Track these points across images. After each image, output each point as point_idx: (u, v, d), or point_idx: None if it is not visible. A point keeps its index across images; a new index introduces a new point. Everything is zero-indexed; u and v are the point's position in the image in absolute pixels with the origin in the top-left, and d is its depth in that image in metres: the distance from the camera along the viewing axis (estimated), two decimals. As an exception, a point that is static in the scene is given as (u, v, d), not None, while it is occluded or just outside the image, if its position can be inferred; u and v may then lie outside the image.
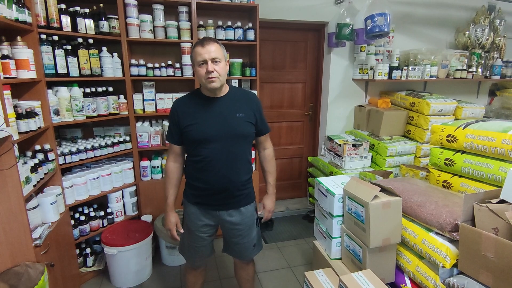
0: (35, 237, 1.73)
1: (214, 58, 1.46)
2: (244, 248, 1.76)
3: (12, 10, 1.66)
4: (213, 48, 1.46)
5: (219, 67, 1.48)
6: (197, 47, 1.48)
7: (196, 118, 1.55)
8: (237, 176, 1.60)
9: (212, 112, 1.56)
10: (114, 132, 2.69)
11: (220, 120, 1.55)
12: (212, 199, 1.63)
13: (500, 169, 1.73)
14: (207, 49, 1.45)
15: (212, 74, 1.46)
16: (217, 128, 1.54)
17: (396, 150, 2.90)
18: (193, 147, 1.58)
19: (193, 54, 1.51)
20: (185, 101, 1.62)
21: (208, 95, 1.58)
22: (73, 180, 2.27)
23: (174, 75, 2.61)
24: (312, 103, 3.63)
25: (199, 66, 1.48)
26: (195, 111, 1.56)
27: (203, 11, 2.68)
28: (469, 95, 3.87)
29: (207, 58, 1.45)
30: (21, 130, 1.72)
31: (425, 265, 1.63)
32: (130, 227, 2.50)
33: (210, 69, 1.45)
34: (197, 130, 1.54)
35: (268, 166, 1.79)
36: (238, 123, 1.57)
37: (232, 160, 1.58)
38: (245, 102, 1.63)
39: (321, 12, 3.14)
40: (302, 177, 3.81)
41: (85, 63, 2.20)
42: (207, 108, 1.56)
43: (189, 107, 1.58)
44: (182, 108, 1.59)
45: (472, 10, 3.58)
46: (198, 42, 1.50)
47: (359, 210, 1.70)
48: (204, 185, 1.60)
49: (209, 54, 1.45)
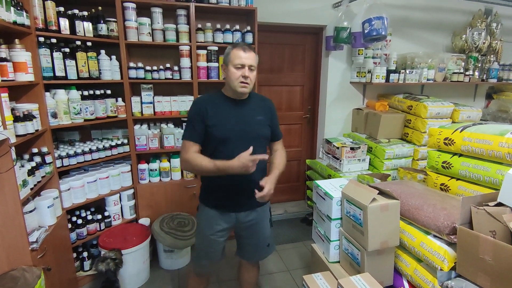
0: (32, 240, 1.72)
1: (251, 65, 1.54)
2: (258, 248, 1.80)
3: (10, 13, 1.66)
4: (253, 56, 1.54)
5: (252, 75, 1.57)
6: (238, 50, 1.52)
7: (221, 117, 1.58)
8: (255, 177, 1.61)
9: (235, 113, 1.61)
10: (112, 135, 2.69)
11: (243, 121, 1.61)
12: (231, 201, 1.65)
13: (497, 172, 1.74)
14: (248, 55, 1.53)
15: (246, 80, 1.54)
16: (240, 129, 1.59)
17: (393, 153, 2.91)
18: (214, 147, 1.59)
19: (231, 55, 1.54)
20: (209, 99, 1.64)
21: (232, 97, 1.63)
22: (71, 183, 2.26)
23: (172, 78, 2.61)
24: (310, 106, 3.64)
25: (235, 67, 1.53)
26: (220, 110, 1.60)
27: (201, 14, 2.69)
28: (466, 98, 3.89)
29: (246, 64, 1.52)
30: (18, 133, 1.71)
31: (423, 268, 1.63)
32: (128, 231, 2.49)
33: (247, 74, 1.53)
34: (222, 129, 1.57)
35: (277, 159, 1.75)
36: (258, 125, 1.65)
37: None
38: (264, 107, 1.72)
39: (319, 16, 3.15)
40: (300, 180, 3.81)
41: (83, 66, 2.20)
42: (231, 109, 1.61)
43: (214, 106, 1.61)
44: (208, 105, 1.60)
45: (469, 14, 3.61)
46: (238, 45, 1.55)
47: (357, 213, 1.70)
48: (224, 184, 1.62)
49: (249, 61, 1.53)
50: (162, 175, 2.75)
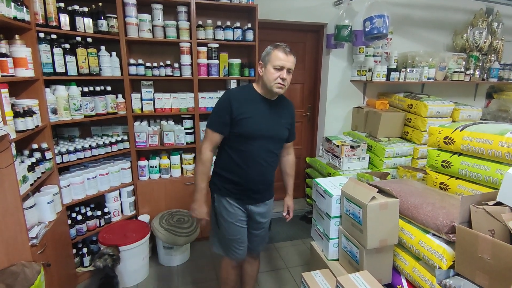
0: (32, 236, 1.72)
1: (290, 68, 1.57)
2: (262, 240, 1.91)
3: (11, 8, 1.65)
4: (292, 59, 1.57)
5: (289, 78, 1.59)
6: (279, 51, 1.54)
7: (252, 113, 1.60)
8: (270, 175, 1.75)
9: (265, 111, 1.65)
10: (112, 132, 2.68)
11: (270, 120, 1.65)
12: (244, 194, 1.71)
13: (497, 172, 1.74)
14: (289, 58, 1.55)
15: (284, 82, 1.56)
16: (266, 127, 1.63)
17: (393, 152, 2.91)
18: (239, 140, 1.63)
19: (272, 55, 1.55)
20: (241, 93, 1.67)
21: (264, 95, 1.65)
22: (70, 180, 2.26)
23: (172, 75, 2.60)
24: (310, 104, 3.63)
25: (274, 68, 1.54)
26: (251, 106, 1.62)
27: (202, 11, 2.68)
28: (467, 97, 3.89)
29: (285, 67, 1.54)
30: (18, 128, 1.71)
31: (421, 267, 1.64)
32: (127, 227, 2.50)
33: (285, 77, 1.55)
34: (251, 124, 1.60)
35: (290, 169, 1.93)
36: (281, 126, 1.71)
37: (270, 160, 1.70)
38: (288, 110, 1.76)
39: (320, 14, 3.14)
40: (300, 178, 3.81)
41: (84, 62, 2.20)
42: (262, 107, 1.65)
43: (246, 100, 1.62)
44: (238, 98, 1.62)
45: (470, 13, 3.60)
46: (279, 46, 1.56)
47: (356, 211, 1.70)
48: (240, 179, 1.67)
49: (289, 64, 1.55)
50: (162, 172, 2.75)
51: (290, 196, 1.98)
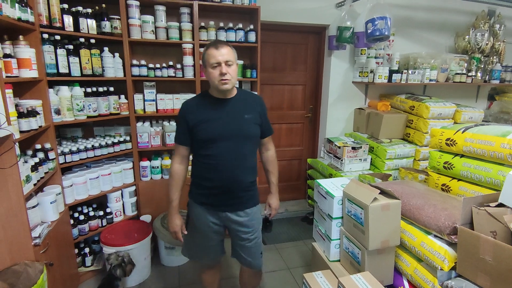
0: (35, 236, 1.73)
1: (227, 60, 1.49)
2: (253, 254, 1.75)
3: (15, 9, 1.66)
4: (226, 51, 1.50)
5: (232, 70, 1.52)
6: (210, 49, 1.50)
7: (206, 118, 1.57)
8: (243, 176, 1.63)
9: (221, 113, 1.59)
10: (114, 132, 2.70)
11: (229, 120, 1.58)
12: (217, 199, 1.64)
13: (499, 173, 1.74)
14: (221, 51, 1.48)
15: (225, 76, 1.50)
16: (226, 128, 1.57)
17: (395, 153, 2.91)
18: (201, 146, 1.60)
19: (205, 56, 1.53)
20: (194, 101, 1.65)
21: (218, 97, 1.61)
22: (73, 180, 2.27)
23: (175, 76, 2.62)
24: (312, 105, 3.64)
25: (212, 68, 1.51)
26: (205, 111, 1.59)
27: (204, 13, 2.69)
28: (468, 99, 3.89)
29: (221, 61, 1.48)
30: (22, 129, 1.72)
31: (423, 268, 1.64)
32: (129, 227, 2.50)
33: (224, 71, 1.49)
34: (207, 129, 1.56)
35: (270, 166, 1.83)
36: (246, 124, 1.61)
37: (240, 160, 1.61)
38: (252, 104, 1.67)
39: (322, 15, 3.15)
40: (301, 179, 3.82)
41: (87, 63, 2.21)
42: (217, 109, 1.59)
43: (199, 107, 1.61)
44: (191, 108, 1.61)
45: (472, 15, 3.60)
46: (211, 44, 1.52)
47: (358, 212, 1.70)
48: (211, 183, 1.62)
49: (223, 57, 1.48)
50: (163, 172, 2.75)
51: (273, 194, 1.88)
